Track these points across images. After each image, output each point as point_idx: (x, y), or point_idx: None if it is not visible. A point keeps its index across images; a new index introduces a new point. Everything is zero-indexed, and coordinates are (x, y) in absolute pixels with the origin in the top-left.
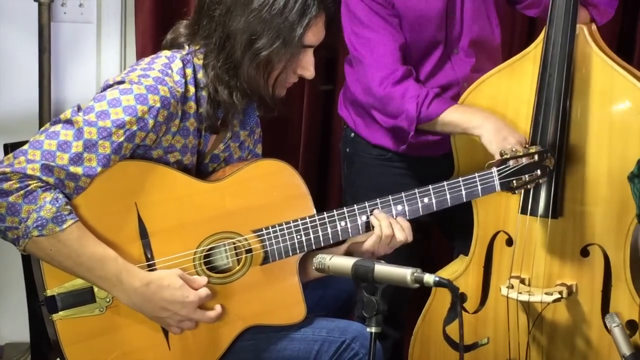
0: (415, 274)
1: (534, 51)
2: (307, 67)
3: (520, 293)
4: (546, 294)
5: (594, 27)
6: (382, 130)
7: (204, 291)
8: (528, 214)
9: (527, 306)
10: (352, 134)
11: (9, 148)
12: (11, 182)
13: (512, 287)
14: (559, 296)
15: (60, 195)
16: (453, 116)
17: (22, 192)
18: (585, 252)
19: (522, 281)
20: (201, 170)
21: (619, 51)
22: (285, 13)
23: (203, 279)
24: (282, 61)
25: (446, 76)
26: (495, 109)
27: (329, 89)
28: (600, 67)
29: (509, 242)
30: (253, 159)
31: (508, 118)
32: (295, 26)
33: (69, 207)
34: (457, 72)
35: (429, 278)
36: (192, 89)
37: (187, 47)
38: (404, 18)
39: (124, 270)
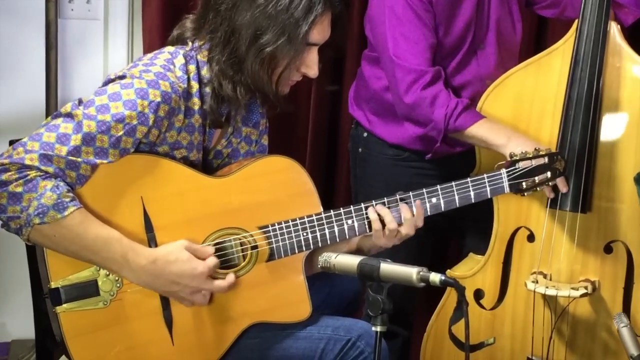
0: (421, 273)
1: (563, 47)
2: (311, 66)
3: (548, 287)
4: (573, 288)
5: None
6: (402, 128)
7: (212, 261)
8: (558, 207)
9: (551, 301)
10: (365, 134)
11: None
12: (10, 173)
13: (537, 282)
14: (586, 291)
15: (62, 183)
16: (479, 131)
17: (21, 181)
18: (608, 249)
19: (545, 277)
20: (205, 166)
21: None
22: (291, 9)
23: (211, 248)
24: (286, 58)
25: (470, 72)
26: (521, 105)
27: (335, 89)
28: (631, 63)
29: (531, 237)
30: (260, 155)
31: (533, 115)
32: (300, 23)
33: (71, 194)
34: (481, 67)
35: (434, 277)
36: (195, 85)
37: (190, 43)
38: (438, 14)
39: (130, 250)
